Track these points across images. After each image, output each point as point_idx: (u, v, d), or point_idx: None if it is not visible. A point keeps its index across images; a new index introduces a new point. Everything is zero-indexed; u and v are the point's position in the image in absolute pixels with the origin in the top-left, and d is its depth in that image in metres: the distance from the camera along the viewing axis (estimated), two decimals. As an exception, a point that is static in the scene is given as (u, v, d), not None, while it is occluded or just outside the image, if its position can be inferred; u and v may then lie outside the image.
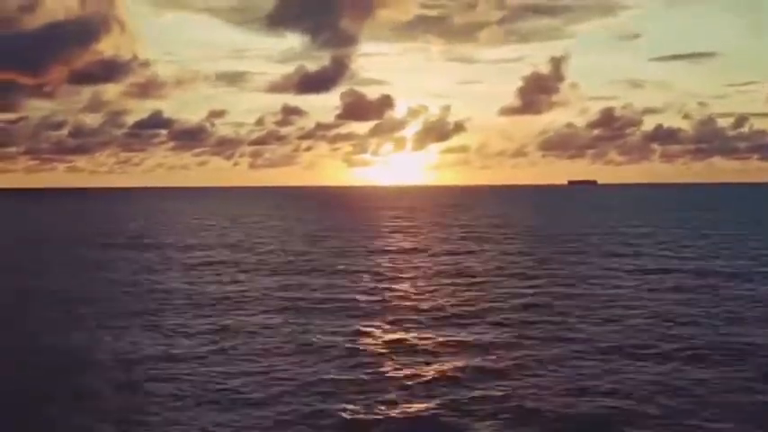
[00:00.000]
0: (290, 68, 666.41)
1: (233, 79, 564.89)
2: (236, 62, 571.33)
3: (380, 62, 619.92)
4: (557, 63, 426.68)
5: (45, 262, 39.99)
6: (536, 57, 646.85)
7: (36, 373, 16.67)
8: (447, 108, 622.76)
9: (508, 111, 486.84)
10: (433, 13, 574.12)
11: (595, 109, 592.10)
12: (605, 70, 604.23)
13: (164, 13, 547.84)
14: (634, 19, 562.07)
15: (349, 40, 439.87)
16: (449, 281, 30.69)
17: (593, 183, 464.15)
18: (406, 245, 48.91)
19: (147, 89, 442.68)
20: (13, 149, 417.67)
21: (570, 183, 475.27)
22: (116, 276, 32.95)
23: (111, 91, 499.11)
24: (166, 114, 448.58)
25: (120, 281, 31.29)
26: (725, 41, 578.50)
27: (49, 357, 18.06)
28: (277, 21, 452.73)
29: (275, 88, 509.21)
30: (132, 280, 31.55)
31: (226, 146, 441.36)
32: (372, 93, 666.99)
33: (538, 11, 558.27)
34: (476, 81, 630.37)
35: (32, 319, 23.33)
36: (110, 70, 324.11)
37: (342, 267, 35.30)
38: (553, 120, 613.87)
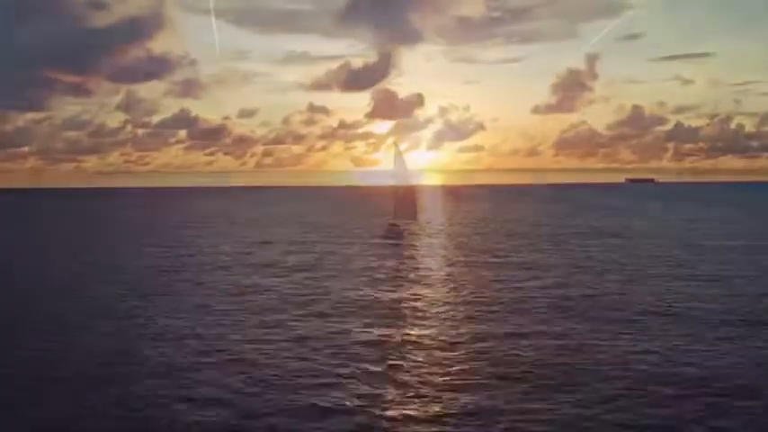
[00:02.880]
0: (333, 65, 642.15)
1: (271, 77, 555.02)
2: (277, 61, 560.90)
3: (419, 63, 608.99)
4: (591, 61, 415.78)
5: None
6: (542, 57, 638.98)
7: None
8: (467, 108, 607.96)
9: (542, 109, 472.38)
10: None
11: (615, 107, 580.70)
12: (613, 70, 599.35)
13: (191, 13, 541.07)
14: (636, 20, 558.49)
15: (406, 39, 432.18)
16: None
17: (651, 181, 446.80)
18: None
19: (187, 88, 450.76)
20: (25, 149, 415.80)
21: (628, 180, 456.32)
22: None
23: (149, 89, 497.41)
24: (195, 113, 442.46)
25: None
26: (726, 42, 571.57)
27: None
28: (343, 19, 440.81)
29: (316, 86, 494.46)
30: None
31: (241, 145, 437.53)
32: (404, 91, 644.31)
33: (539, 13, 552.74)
34: (494, 80, 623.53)
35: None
36: (155, 68, 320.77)
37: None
38: (576, 120, 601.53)
